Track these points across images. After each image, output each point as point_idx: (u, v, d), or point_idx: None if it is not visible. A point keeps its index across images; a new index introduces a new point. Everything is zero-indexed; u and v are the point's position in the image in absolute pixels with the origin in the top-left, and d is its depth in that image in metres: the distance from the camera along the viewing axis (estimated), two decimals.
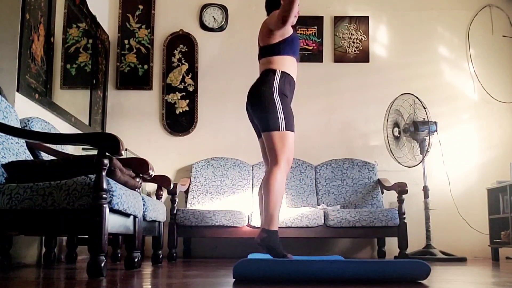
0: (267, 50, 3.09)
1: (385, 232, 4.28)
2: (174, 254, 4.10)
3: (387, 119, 4.66)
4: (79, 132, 4.09)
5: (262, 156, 3.21)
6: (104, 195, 2.21)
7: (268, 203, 2.89)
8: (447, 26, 5.23)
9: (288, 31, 3.06)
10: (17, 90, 3.13)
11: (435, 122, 4.50)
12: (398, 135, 4.63)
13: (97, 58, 4.64)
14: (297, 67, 3.17)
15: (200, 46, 5.11)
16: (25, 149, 2.80)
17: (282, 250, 2.89)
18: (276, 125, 2.92)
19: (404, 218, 4.26)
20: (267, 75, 3.03)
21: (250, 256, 3.00)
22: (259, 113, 3.01)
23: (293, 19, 3.11)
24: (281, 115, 2.92)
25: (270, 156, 2.97)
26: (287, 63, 3.06)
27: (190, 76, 5.07)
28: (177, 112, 5.02)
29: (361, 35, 5.17)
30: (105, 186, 2.22)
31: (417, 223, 4.59)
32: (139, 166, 2.89)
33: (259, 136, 3.15)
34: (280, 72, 3.02)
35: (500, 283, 2.26)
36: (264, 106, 2.95)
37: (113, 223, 2.38)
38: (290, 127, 2.96)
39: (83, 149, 3.99)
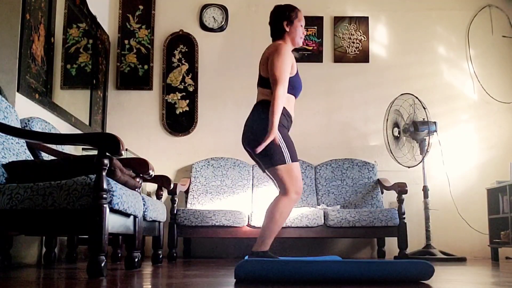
0: (267, 82, 2.96)
1: (385, 232, 4.28)
2: (174, 254, 4.11)
3: (387, 119, 4.66)
4: (79, 132, 4.10)
5: (273, 184, 3.08)
6: (104, 195, 2.22)
7: (266, 227, 2.82)
8: (446, 26, 5.24)
9: (292, 71, 2.96)
10: (18, 90, 3.13)
11: (435, 122, 4.50)
12: (398, 135, 4.64)
13: (97, 58, 4.64)
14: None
15: (200, 46, 5.12)
16: (25, 149, 2.81)
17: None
18: (282, 159, 2.83)
19: (404, 218, 4.26)
20: (262, 107, 2.92)
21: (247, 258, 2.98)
22: (260, 151, 2.86)
23: (299, 42, 3.05)
24: (284, 148, 2.84)
25: (280, 188, 2.90)
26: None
27: (190, 76, 5.07)
28: (177, 112, 5.02)
29: (361, 35, 5.17)
30: (105, 186, 2.23)
31: (417, 223, 4.59)
32: (139, 166, 2.89)
33: (263, 170, 3.04)
34: None
35: (500, 283, 2.26)
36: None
37: (113, 223, 2.39)
38: (294, 158, 2.88)
39: (83, 149, 4.00)
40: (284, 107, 2.90)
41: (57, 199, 2.23)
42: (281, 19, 3.04)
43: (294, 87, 2.99)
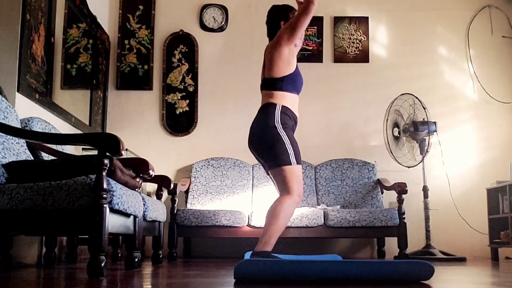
0: (269, 84, 2.96)
1: (385, 232, 4.28)
2: (174, 254, 4.11)
3: (387, 119, 4.66)
4: (80, 132, 4.10)
5: (274, 187, 3.03)
6: (104, 195, 2.22)
7: (269, 228, 2.78)
8: (446, 27, 5.24)
9: (291, 67, 2.95)
10: (18, 90, 3.13)
11: (435, 122, 4.50)
12: (398, 135, 4.64)
13: (97, 59, 4.64)
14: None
15: (200, 46, 5.12)
16: (25, 149, 2.81)
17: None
18: (287, 160, 2.80)
19: (404, 218, 4.26)
20: (267, 109, 2.92)
21: (247, 254, 2.98)
22: (266, 151, 2.87)
23: (298, 43, 3.03)
24: (289, 148, 2.81)
25: (282, 190, 2.86)
26: (288, 99, 2.94)
27: (190, 76, 5.07)
28: (177, 112, 5.02)
29: (360, 36, 5.17)
30: (105, 186, 2.23)
31: (417, 223, 4.60)
32: (139, 166, 2.89)
33: (267, 172, 3.01)
34: (280, 106, 2.90)
35: (500, 283, 2.26)
36: (271, 144, 2.82)
37: (113, 223, 2.39)
38: (298, 160, 2.86)
39: (83, 149, 4.00)
40: (288, 108, 2.91)
41: (57, 199, 2.23)
42: (279, 19, 3.03)
43: (296, 84, 2.98)
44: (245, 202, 4.64)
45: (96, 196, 2.20)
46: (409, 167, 4.57)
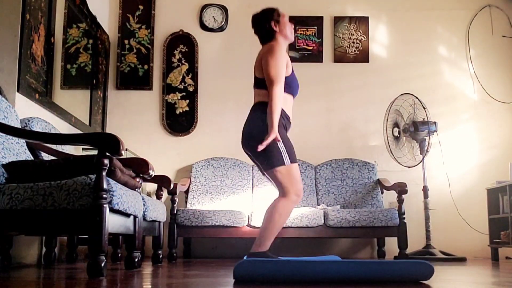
0: (263, 83, 2.91)
1: (385, 232, 4.28)
2: (174, 254, 4.11)
3: (387, 119, 4.66)
4: (79, 132, 4.10)
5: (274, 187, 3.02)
6: (104, 195, 2.22)
7: (265, 228, 2.79)
8: (447, 26, 5.24)
9: (288, 70, 2.92)
10: (18, 90, 3.13)
11: (435, 122, 4.50)
12: (398, 135, 4.64)
13: (97, 58, 4.64)
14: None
15: (200, 46, 5.12)
16: (25, 149, 2.81)
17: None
18: (281, 160, 2.79)
19: (404, 218, 4.27)
20: (259, 110, 2.89)
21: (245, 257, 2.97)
22: (259, 153, 2.80)
23: (291, 37, 3.04)
24: (283, 149, 2.79)
25: (279, 190, 2.86)
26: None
27: (190, 76, 5.07)
28: (177, 112, 5.02)
29: (361, 35, 5.17)
30: (105, 186, 2.23)
31: (417, 223, 4.59)
32: (139, 166, 2.89)
33: (263, 173, 3.00)
34: None
35: (500, 283, 2.26)
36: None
37: (113, 223, 2.39)
38: (293, 159, 2.84)
39: (83, 149, 4.00)
40: (282, 108, 2.86)
41: (57, 199, 2.23)
42: (267, 22, 3.03)
43: (291, 86, 2.95)
44: (245, 202, 4.64)
45: (96, 196, 2.20)
46: (409, 167, 4.57)
